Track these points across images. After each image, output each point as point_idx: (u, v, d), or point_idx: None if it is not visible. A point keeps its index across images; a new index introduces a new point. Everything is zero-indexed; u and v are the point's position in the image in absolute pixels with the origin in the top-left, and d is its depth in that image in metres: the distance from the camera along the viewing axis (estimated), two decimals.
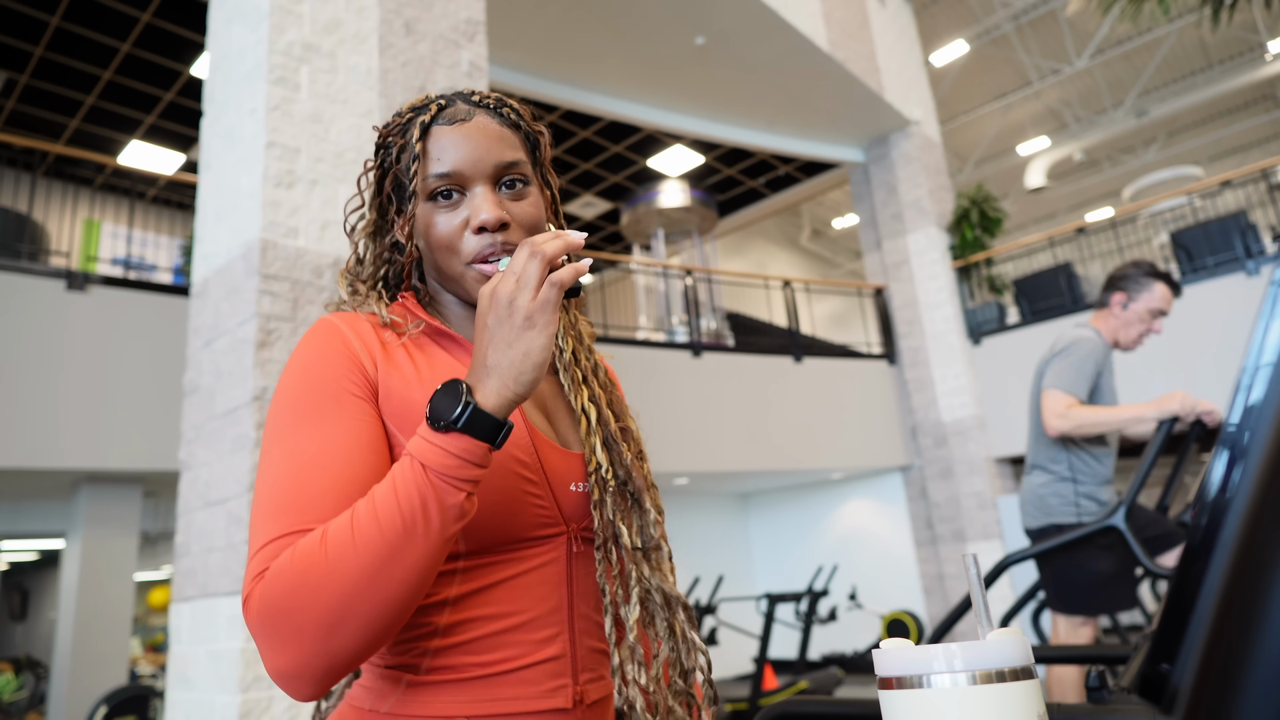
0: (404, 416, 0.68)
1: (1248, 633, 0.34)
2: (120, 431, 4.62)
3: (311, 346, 0.70)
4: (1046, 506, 2.45)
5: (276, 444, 0.65)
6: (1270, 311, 0.47)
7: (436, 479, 0.56)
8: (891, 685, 0.42)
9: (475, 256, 0.72)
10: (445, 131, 0.73)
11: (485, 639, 0.67)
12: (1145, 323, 2.42)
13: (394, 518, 0.56)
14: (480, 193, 0.72)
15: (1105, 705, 0.61)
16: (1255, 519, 0.37)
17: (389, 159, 0.76)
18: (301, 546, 0.57)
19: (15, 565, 11.32)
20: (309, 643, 0.55)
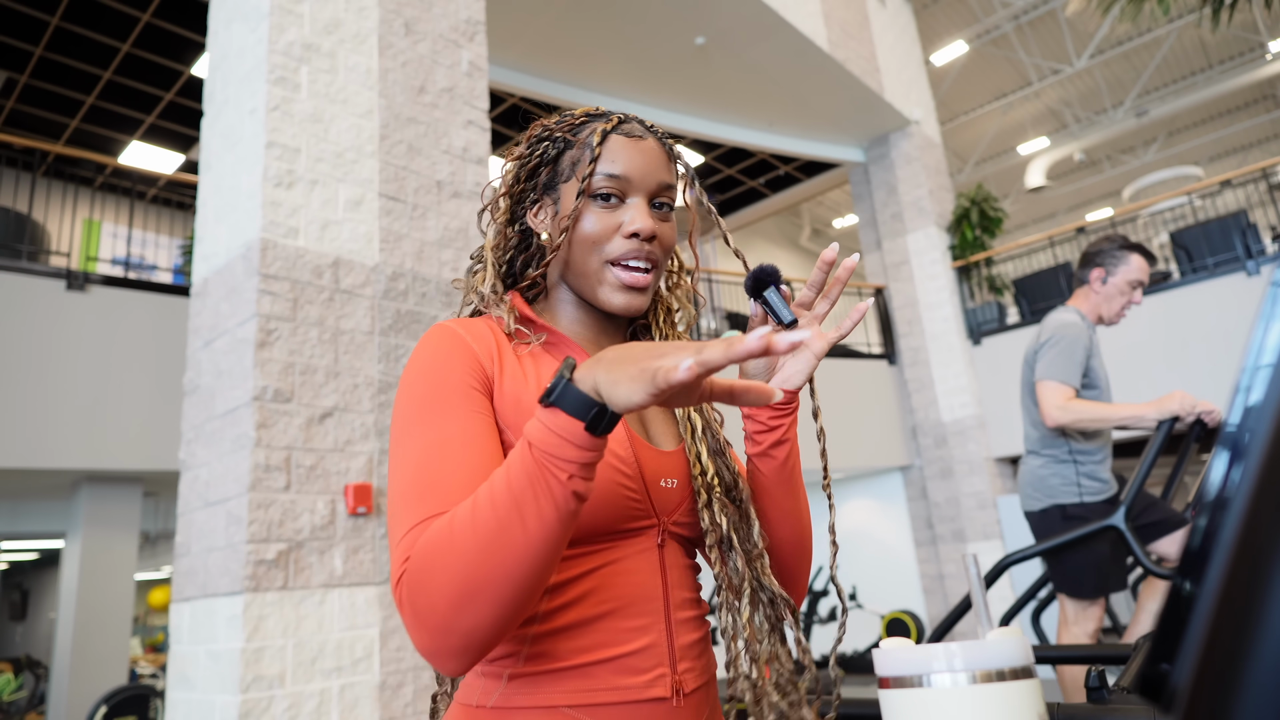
0: (515, 417, 0.72)
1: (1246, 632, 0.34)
2: (120, 431, 4.62)
3: (433, 346, 0.74)
4: (1048, 487, 2.45)
5: (409, 436, 0.69)
6: (1270, 311, 0.47)
7: (541, 456, 0.57)
8: (891, 685, 0.42)
9: (619, 257, 0.78)
10: (622, 141, 0.79)
11: (581, 625, 0.69)
12: (1125, 295, 2.44)
13: (505, 499, 0.58)
14: (638, 203, 0.78)
15: (1105, 705, 0.61)
16: (1254, 519, 0.37)
17: (550, 150, 0.81)
18: (438, 526, 0.61)
19: (15, 565, 11.31)
20: (441, 617, 0.58)
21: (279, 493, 2.63)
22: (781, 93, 7.59)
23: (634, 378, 0.54)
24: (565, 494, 0.57)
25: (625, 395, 0.54)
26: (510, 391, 0.73)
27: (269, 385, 2.67)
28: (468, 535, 0.58)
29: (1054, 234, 8.26)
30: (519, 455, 0.58)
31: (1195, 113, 11.78)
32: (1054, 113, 11.99)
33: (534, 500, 0.57)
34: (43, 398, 4.41)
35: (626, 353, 0.56)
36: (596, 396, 0.56)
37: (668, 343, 0.57)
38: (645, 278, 0.78)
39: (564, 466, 0.57)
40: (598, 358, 0.57)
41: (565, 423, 0.56)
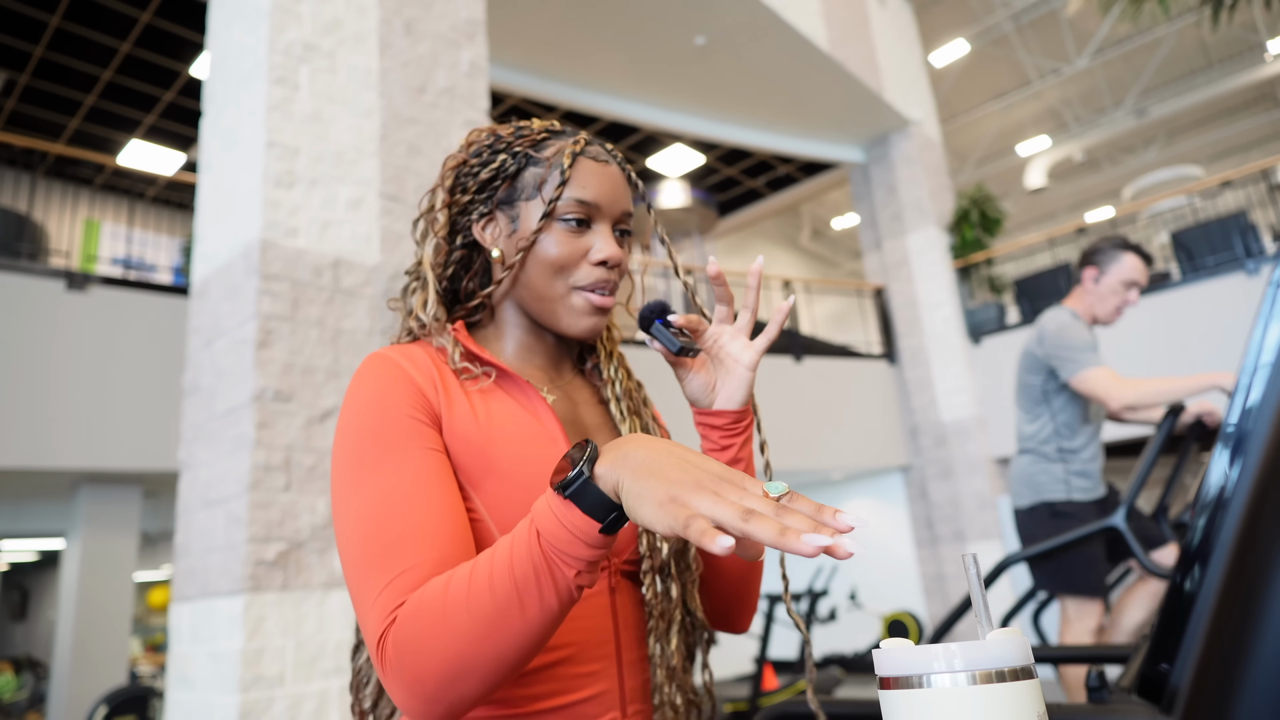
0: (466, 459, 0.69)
1: (1246, 632, 0.34)
2: (120, 431, 4.62)
3: (372, 378, 0.70)
4: (1036, 484, 2.47)
5: (361, 483, 0.65)
6: (1270, 311, 0.47)
7: (550, 549, 0.54)
8: (891, 685, 0.42)
9: (589, 284, 0.75)
10: (592, 165, 0.76)
11: (535, 672, 0.67)
12: (1119, 295, 2.43)
13: (506, 585, 0.55)
14: (604, 230, 0.77)
15: (1105, 705, 0.61)
16: (1254, 519, 0.37)
17: (509, 164, 0.78)
18: (426, 595, 0.58)
19: (15, 565, 11.32)
20: (430, 689, 0.56)
21: (279, 493, 2.63)
22: (781, 93, 7.60)
23: (663, 506, 0.49)
24: (570, 587, 0.55)
25: (647, 519, 0.50)
26: (460, 432, 0.69)
27: (269, 385, 2.67)
28: (462, 615, 0.55)
29: (1054, 234, 8.27)
30: (524, 543, 0.55)
31: (1195, 113, 11.78)
32: (1054, 113, 11.99)
33: (537, 591, 0.55)
34: (43, 398, 4.41)
35: (659, 464, 0.51)
36: (616, 499, 0.52)
37: (704, 465, 0.51)
38: (610, 300, 0.77)
39: (572, 564, 0.54)
40: (624, 453, 0.53)
41: (580, 521, 0.53)
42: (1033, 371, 2.51)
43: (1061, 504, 2.42)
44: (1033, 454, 2.51)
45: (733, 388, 0.76)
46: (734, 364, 0.76)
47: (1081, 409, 2.46)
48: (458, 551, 0.62)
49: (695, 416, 0.78)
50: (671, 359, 0.76)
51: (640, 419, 0.82)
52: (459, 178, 0.80)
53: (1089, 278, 2.47)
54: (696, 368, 0.77)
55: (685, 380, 0.77)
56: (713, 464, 0.52)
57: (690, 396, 0.78)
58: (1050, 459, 2.46)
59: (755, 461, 0.82)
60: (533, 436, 0.72)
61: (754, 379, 0.76)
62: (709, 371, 0.77)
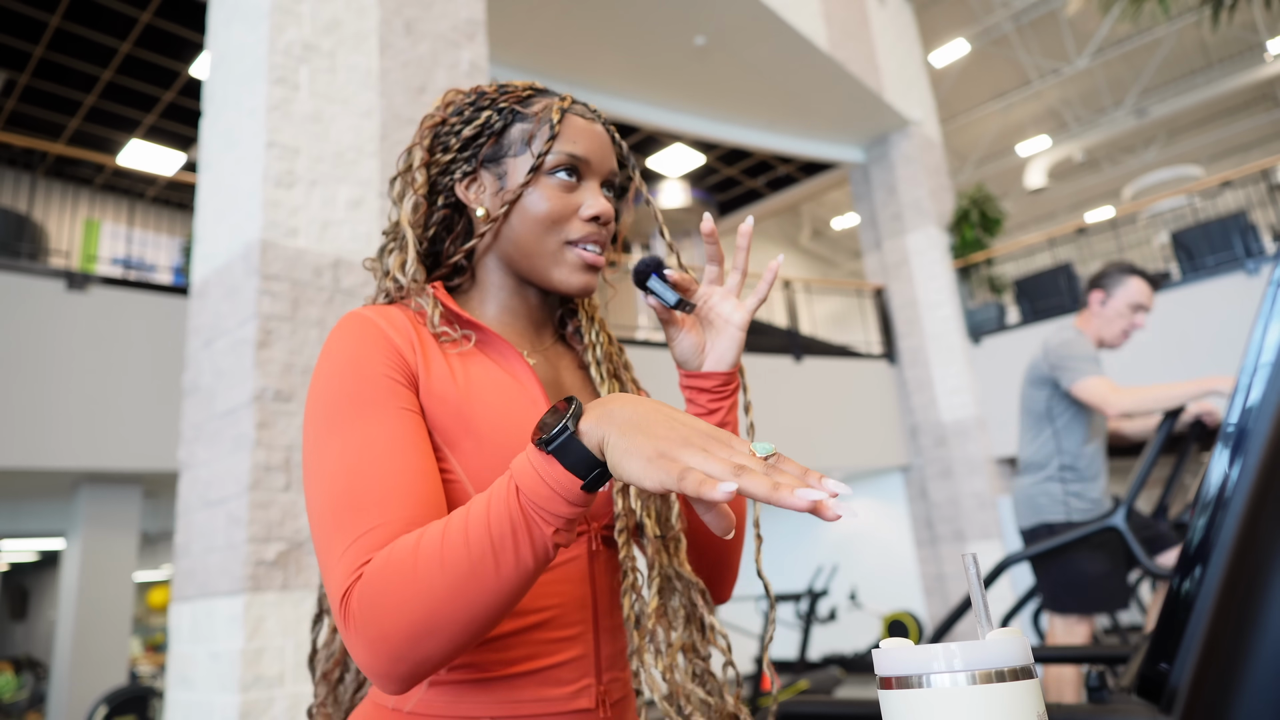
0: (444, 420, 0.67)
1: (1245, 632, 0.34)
2: (120, 431, 4.62)
3: (348, 337, 0.68)
4: (1036, 506, 2.48)
5: (332, 437, 0.63)
6: (1270, 311, 0.47)
7: (528, 505, 0.53)
8: (891, 685, 0.42)
9: (580, 239, 0.75)
10: (580, 122, 0.76)
11: (509, 636, 0.66)
12: (1126, 318, 2.46)
13: (482, 540, 0.53)
14: (594, 186, 0.76)
15: (1105, 705, 0.61)
16: (1254, 519, 0.37)
17: (494, 120, 0.76)
18: (395, 551, 0.56)
19: (15, 565, 11.32)
20: (395, 646, 0.54)
21: (279, 493, 2.63)
22: (781, 93, 7.60)
23: (652, 462, 0.48)
24: (547, 545, 0.54)
25: (634, 474, 0.49)
26: (438, 392, 0.67)
27: (269, 385, 2.67)
28: (434, 570, 0.54)
29: (1054, 234, 8.27)
30: (503, 497, 0.54)
31: (1195, 113, 11.78)
32: (1054, 113, 11.99)
33: (513, 547, 0.53)
34: (43, 398, 4.41)
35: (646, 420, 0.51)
36: (600, 455, 0.52)
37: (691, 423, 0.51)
38: (601, 258, 0.77)
39: (551, 520, 0.53)
40: (608, 410, 0.52)
41: (561, 476, 0.52)
42: (1037, 386, 2.53)
43: (1060, 525, 2.42)
44: (1033, 474, 2.52)
45: (723, 348, 0.75)
46: (724, 324, 0.75)
47: (1084, 425, 2.46)
48: (428, 513, 0.61)
49: (682, 380, 0.77)
50: (665, 314, 0.76)
51: (620, 382, 0.81)
52: (438, 136, 0.78)
53: (1095, 301, 2.50)
54: (687, 328, 0.76)
55: (675, 341, 0.76)
56: (699, 423, 0.51)
57: (680, 358, 0.77)
58: (1050, 479, 2.47)
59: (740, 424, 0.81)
60: (512, 398, 0.71)
61: (744, 340, 0.76)
62: (699, 333, 0.76)
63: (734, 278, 0.76)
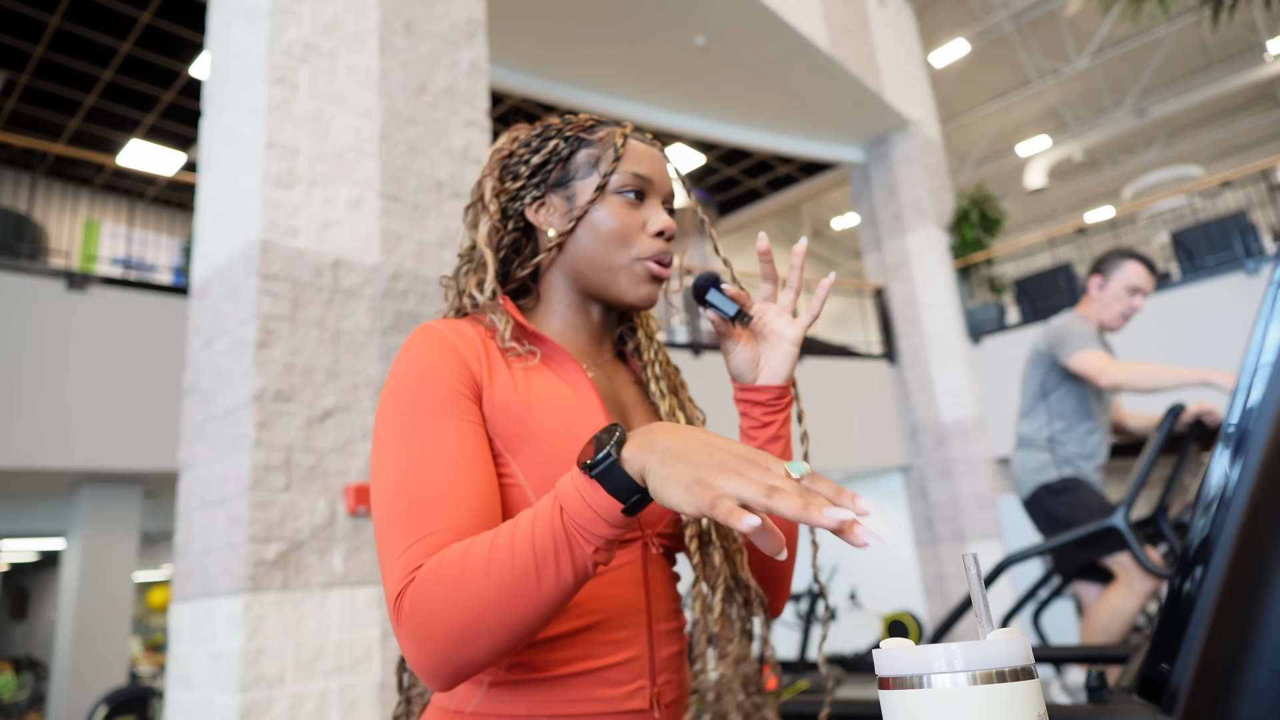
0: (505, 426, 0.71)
1: (1246, 632, 0.34)
2: (120, 431, 4.62)
3: (420, 350, 0.72)
4: (1028, 470, 2.55)
5: (398, 446, 0.67)
6: (1270, 311, 0.47)
7: (571, 524, 0.56)
8: (891, 685, 0.42)
9: (651, 255, 0.79)
10: (641, 146, 0.82)
11: (564, 637, 0.68)
12: (1123, 300, 2.50)
13: (526, 554, 0.56)
14: (657, 204, 0.81)
15: (1105, 705, 0.61)
16: (1254, 519, 0.37)
17: (562, 147, 0.81)
18: (446, 558, 0.60)
19: (15, 565, 11.32)
20: (441, 648, 0.58)
21: (279, 493, 2.63)
22: (781, 93, 7.60)
23: (689, 488, 0.50)
24: (587, 563, 0.57)
25: (674, 501, 0.51)
26: (500, 400, 0.71)
27: (269, 385, 2.67)
28: (480, 580, 0.57)
29: (1054, 234, 8.26)
30: (547, 515, 0.57)
31: (1195, 113, 11.78)
32: (1054, 113, 11.99)
33: (554, 564, 0.56)
34: (43, 398, 4.41)
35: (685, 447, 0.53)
36: (641, 481, 0.54)
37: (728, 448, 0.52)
38: (668, 271, 0.81)
39: (592, 540, 0.56)
40: (650, 439, 0.55)
41: (603, 500, 0.55)
42: (1036, 366, 2.59)
43: (1056, 482, 2.48)
44: (1024, 448, 2.59)
45: (777, 362, 0.79)
46: (778, 339, 0.79)
47: (1077, 400, 2.51)
48: (481, 522, 0.64)
49: (737, 394, 0.81)
50: (723, 327, 0.79)
51: (678, 398, 0.86)
52: (507, 166, 0.83)
53: (1094, 285, 2.56)
54: (744, 342, 0.80)
55: (731, 354, 0.80)
56: (737, 446, 0.53)
57: (735, 372, 0.80)
58: (1039, 447, 2.54)
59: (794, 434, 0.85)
60: (571, 408, 0.74)
61: (797, 354, 0.79)
62: (754, 347, 0.80)
63: (787, 295, 0.80)
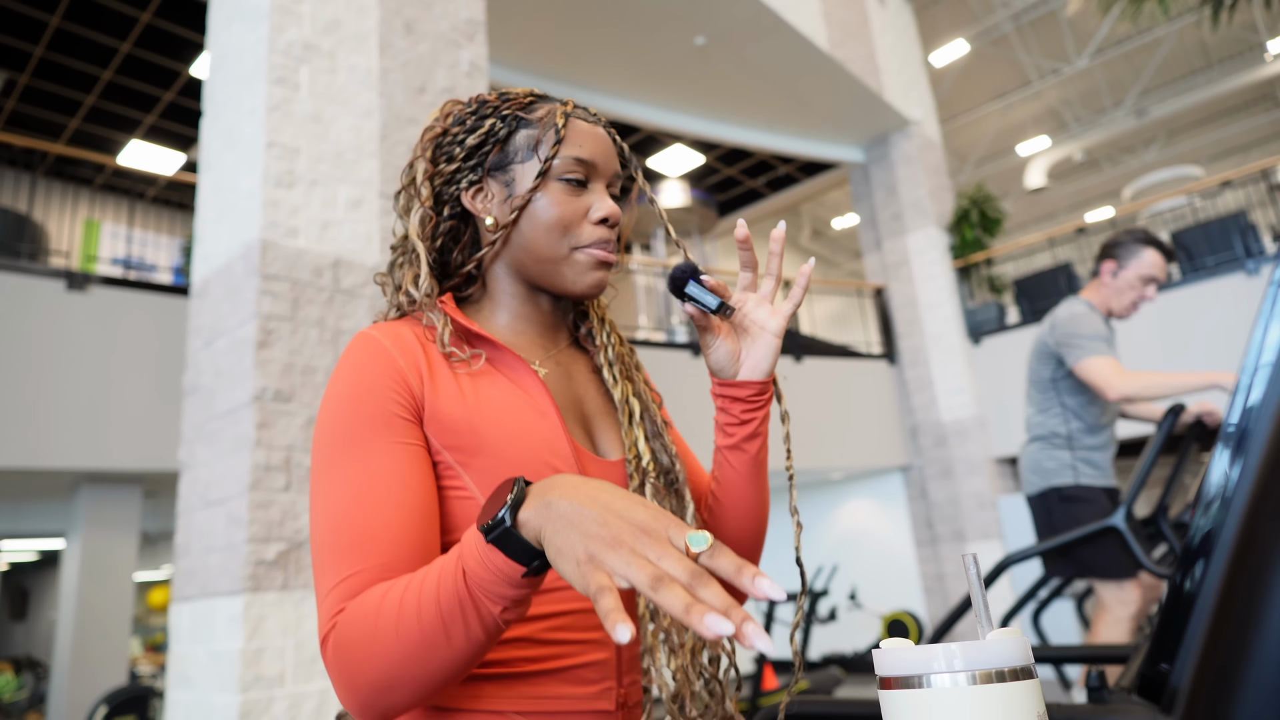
0: (450, 438, 0.68)
1: (1246, 632, 0.34)
2: (120, 431, 4.62)
3: (355, 366, 0.69)
4: (1044, 470, 2.46)
5: (330, 473, 0.66)
6: (1270, 311, 0.47)
7: (475, 588, 0.54)
8: (891, 685, 0.42)
9: (592, 243, 0.75)
10: (584, 126, 0.77)
11: (533, 637, 0.68)
12: (1136, 289, 2.41)
13: (433, 615, 0.55)
14: (601, 189, 0.77)
15: (1105, 705, 0.61)
16: (1254, 519, 0.37)
17: (499, 128, 0.76)
18: (363, 605, 0.59)
19: (15, 565, 11.32)
20: (363, 695, 0.58)
21: (279, 493, 2.63)
22: (781, 93, 7.60)
23: (580, 566, 0.46)
24: (496, 622, 0.55)
25: (569, 577, 0.48)
26: (446, 411, 0.68)
27: (269, 385, 2.67)
28: (390, 637, 0.56)
29: (1054, 234, 8.26)
30: (451, 577, 0.54)
31: (1195, 113, 11.78)
32: (1054, 113, 11.99)
33: (462, 624, 0.55)
34: (43, 398, 4.41)
35: (580, 515, 0.48)
36: (539, 546, 0.51)
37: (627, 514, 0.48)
38: (614, 257, 0.77)
39: (498, 601, 0.54)
40: (546, 500, 0.50)
41: (503, 564, 0.52)
42: (1043, 360, 2.50)
43: (1069, 489, 2.41)
44: (1040, 441, 2.50)
45: (758, 356, 0.75)
46: (759, 331, 0.75)
47: (1090, 397, 2.44)
48: (407, 557, 0.62)
49: (716, 390, 0.77)
50: (703, 321, 0.75)
51: (632, 383, 0.82)
52: (440, 147, 0.78)
53: (1107, 270, 2.45)
54: (724, 335, 0.75)
55: (711, 349, 0.76)
56: (639, 511, 0.48)
57: (715, 367, 0.76)
58: (1057, 445, 2.45)
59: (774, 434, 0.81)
60: (522, 413, 0.71)
61: (779, 347, 0.75)
62: (734, 340, 0.76)
63: (767, 284, 0.76)
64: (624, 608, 0.43)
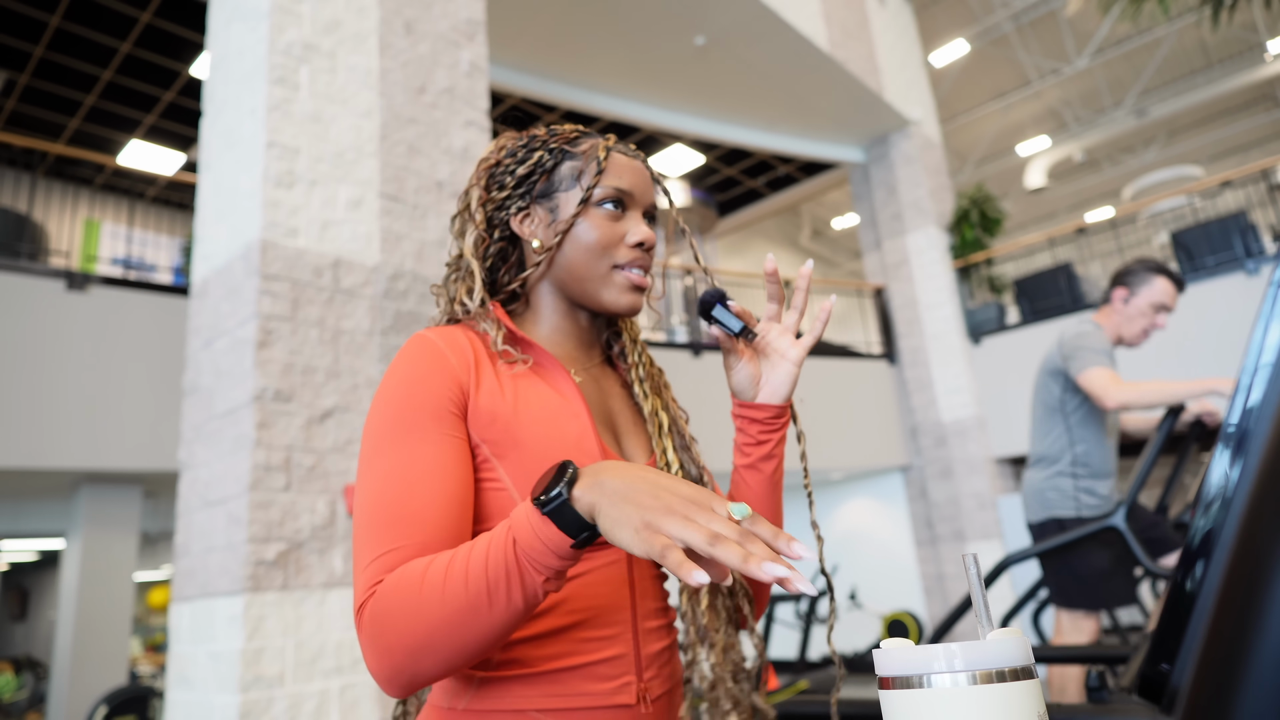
0: (489, 432, 0.73)
1: (1246, 632, 0.34)
2: (120, 431, 4.62)
3: (412, 360, 0.74)
4: (1046, 500, 2.47)
5: (380, 456, 0.70)
6: (1270, 311, 0.47)
7: (524, 557, 0.58)
8: (891, 685, 0.42)
9: (628, 263, 0.81)
10: (623, 159, 0.84)
11: (552, 634, 0.71)
12: (1147, 317, 2.43)
13: (480, 582, 0.59)
14: (637, 216, 0.83)
15: (1105, 705, 0.61)
16: (1254, 519, 0.37)
17: (546, 159, 0.83)
18: (406, 574, 0.62)
19: (15, 565, 11.32)
20: (397, 660, 0.61)
21: (279, 493, 2.63)
22: (781, 93, 7.60)
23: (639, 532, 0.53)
24: (537, 591, 0.59)
25: (625, 543, 0.54)
26: (485, 407, 0.73)
27: (269, 385, 2.67)
28: (435, 601, 0.60)
29: (1054, 234, 8.26)
30: (501, 545, 0.59)
31: (1195, 113, 11.78)
32: (1054, 113, 11.99)
33: (506, 591, 0.58)
34: (43, 398, 4.41)
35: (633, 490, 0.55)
36: (590, 519, 0.56)
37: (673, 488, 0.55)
38: (647, 280, 0.83)
39: (542, 570, 0.58)
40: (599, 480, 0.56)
41: (554, 535, 0.57)
42: (1052, 377, 2.50)
43: (1070, 521, 2.41)
44: (1044, 469, 2.50)
45: (777, 381, 0.81)
46: (780, 359, 0.81)
47: (1099, 420, 2.44)
48: (446, 540, 0.67)
49: (736, 410, 0.82)
50: (728, 343, 0.81)
51: (661, 399, 0.88)
52: (493, 176, 0.85)
53: (1119, 298, 2.47)
54: (746, 359, 0.81)
55: (733, 371, 0.82)
56: (682, 486, 0.56)
57: (736, 388, 0.82)
58: (1061, 473, 2.45)
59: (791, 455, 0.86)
60: (557, 415, 0.76)
61: (798, 375, 0.81)
62: (756, 365, 0.82)
63: (791, 316, 0.83)
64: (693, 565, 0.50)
